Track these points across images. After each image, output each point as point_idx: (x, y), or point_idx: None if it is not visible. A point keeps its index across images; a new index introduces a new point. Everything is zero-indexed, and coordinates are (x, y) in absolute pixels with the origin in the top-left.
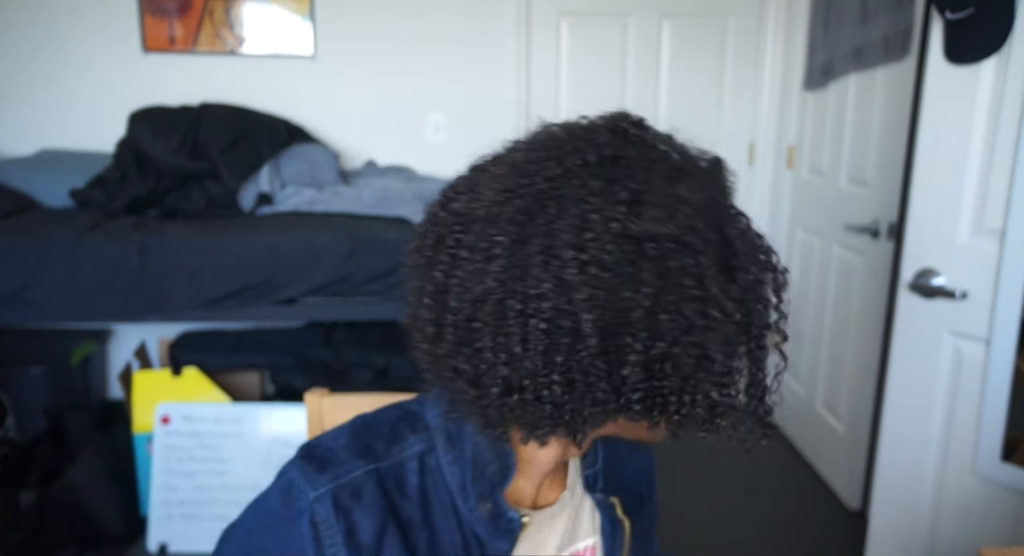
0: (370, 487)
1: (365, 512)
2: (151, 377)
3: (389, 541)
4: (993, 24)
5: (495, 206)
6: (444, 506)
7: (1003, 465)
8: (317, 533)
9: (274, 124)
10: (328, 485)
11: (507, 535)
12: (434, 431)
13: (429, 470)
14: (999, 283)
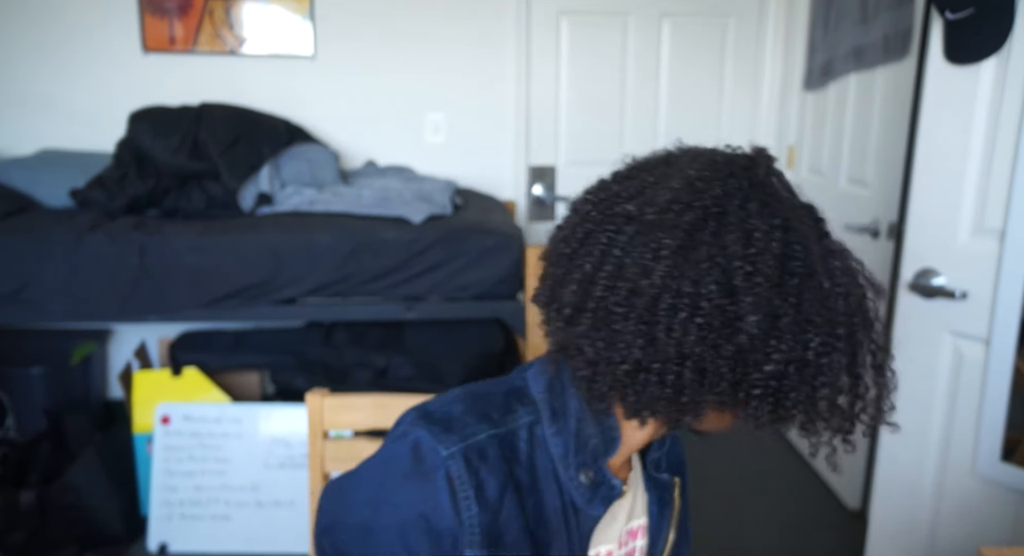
0: (493, 449)
1: (491, 471)
2: (151, 377)
3: (508, 500)
4: (993, 24)
5: (667, 214)
6: (548, 473)
7: (1003, 465)
8: (452, 487)
9: (274, 124)
10: (458, 445)
11: (605, 501)
12: (540, 405)
13: (536, 440)
14: (999, 283)
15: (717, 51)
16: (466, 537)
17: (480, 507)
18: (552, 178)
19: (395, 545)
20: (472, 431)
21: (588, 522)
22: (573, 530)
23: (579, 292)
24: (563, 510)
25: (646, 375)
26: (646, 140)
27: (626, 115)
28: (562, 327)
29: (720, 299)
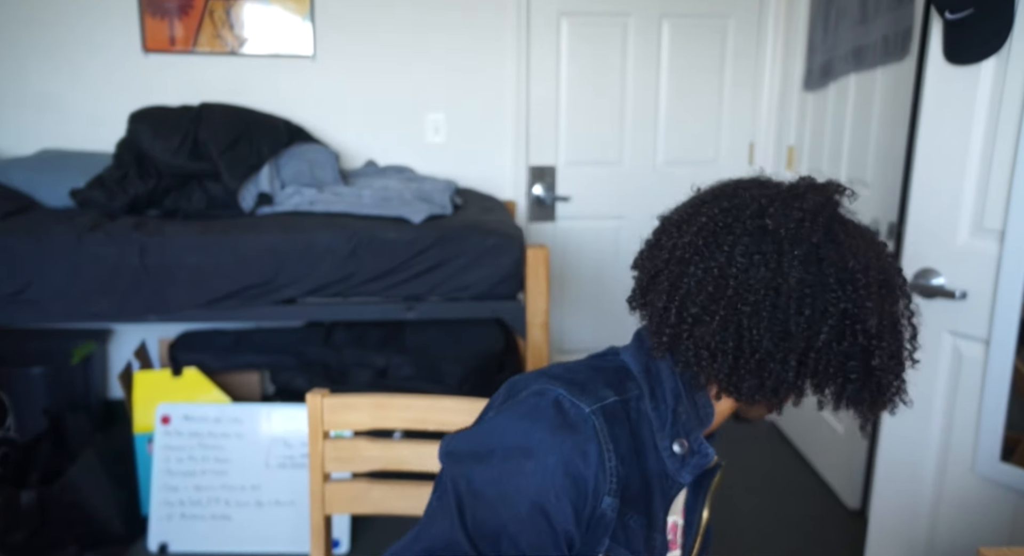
0: (621, 413)
1: (622, 431)
2: (151, 377)
3: (629, 459)
4: (992, 24)
5: (800, 230)
6: (648, 442)
7: (1002, 465)
8: (599, 438)
9: (274, 124)
10: (596, 404)
11: (694, 470)
12: (641, 383)
13: (640, 412)
14: (999, 283)
15: (717, 52)
16: (606, 485)
17: (620, 462)
18: (552, 178)
19: (542, 487)
20: (603, 394)
21: (675, 489)
22: (664, 494)
23: (710, 294)
24: (658, 475)
25: (773, 364)
26: (646, 140)
27: (626, 115)
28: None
29: (846, 302)
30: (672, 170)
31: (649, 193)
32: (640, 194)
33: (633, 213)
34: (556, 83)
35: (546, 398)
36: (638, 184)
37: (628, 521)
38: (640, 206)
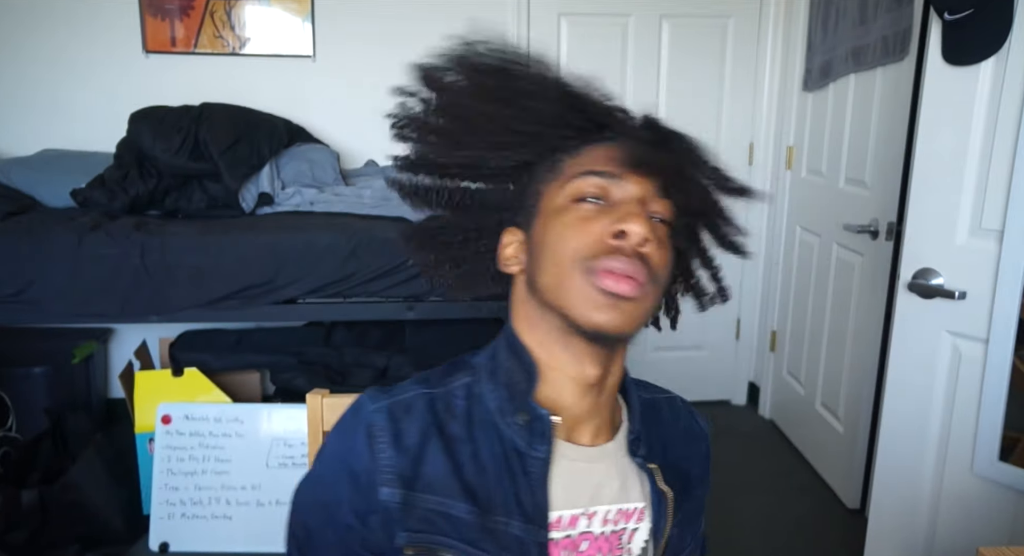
0: (420, 404)
1: (412, 422)
2: (152, 377)
3: (431, 447)
4: (991, 25)
5: None
6: (486, 424)
7: (1001, 465)
8: (371, 434)
9: (275, 124)
10: (386, 401)
11: (542, 437)
12: (479, 369)
13: (474, 396)
14: (997, 283)
15: (717, 52)
16: (380, 476)
17: (395, 451)
18: None
19: (325, 486)
20: (403, 390)
21: (535, 465)
22: (518, 474)
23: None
24: (504, 456)
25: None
26: None
27: None
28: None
29: None
30: None
31: None
32: None
33: None
34: None
35: (354, 404)
36: None
37: (448, 510)
38: None
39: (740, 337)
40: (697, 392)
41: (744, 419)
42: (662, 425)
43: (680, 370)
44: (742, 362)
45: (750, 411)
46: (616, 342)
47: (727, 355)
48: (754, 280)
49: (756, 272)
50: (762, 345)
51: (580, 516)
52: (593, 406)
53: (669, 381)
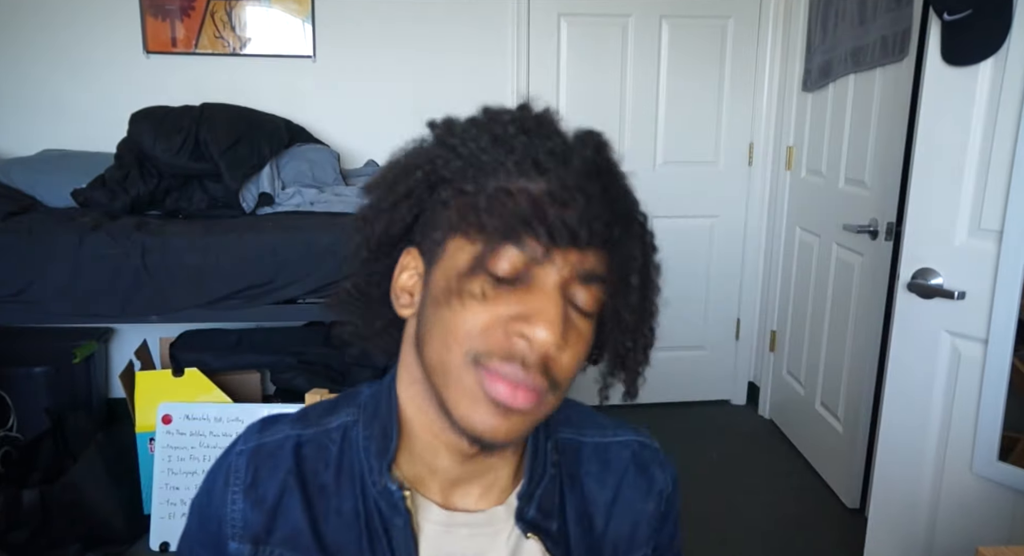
0: (286, 450)
1: (273, 470)
2: (153, 377)
3: (288, 500)
4: (991, 26)
5: None
6: (354, 477)
7: (1000, 464)
8: (227, 480)
9: (275, 124)
10: (255, 442)
11: (395, 510)
12: (362, 408)
13: (349, 441)
14: (997, 283)
15: (716, 53)
16: (228, 529)
17: (248, 503)
18: None
19: (191, 520)
20: (275, 431)
21: (399, 535)
22: (379, 537)
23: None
24: (365, 516)
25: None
26: (646, 141)
27: (626, 116)
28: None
29: None
30: (672, 170)
31: (649, 193)
32: (640, 194)
33: None
34: (556, 83)
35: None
36: (637, 184)
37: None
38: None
39: (740, 337)
40: (697, 392)
41: (744, 419)
42: (605, 476)
43: (680, 370)
44: (742, 362)
45: (750, 411)
46: (496, 449)
47: (727, 355)
48: (754, 280)
49: (756, 272)
50: (762, 345)
51: None
52: (477, 468)
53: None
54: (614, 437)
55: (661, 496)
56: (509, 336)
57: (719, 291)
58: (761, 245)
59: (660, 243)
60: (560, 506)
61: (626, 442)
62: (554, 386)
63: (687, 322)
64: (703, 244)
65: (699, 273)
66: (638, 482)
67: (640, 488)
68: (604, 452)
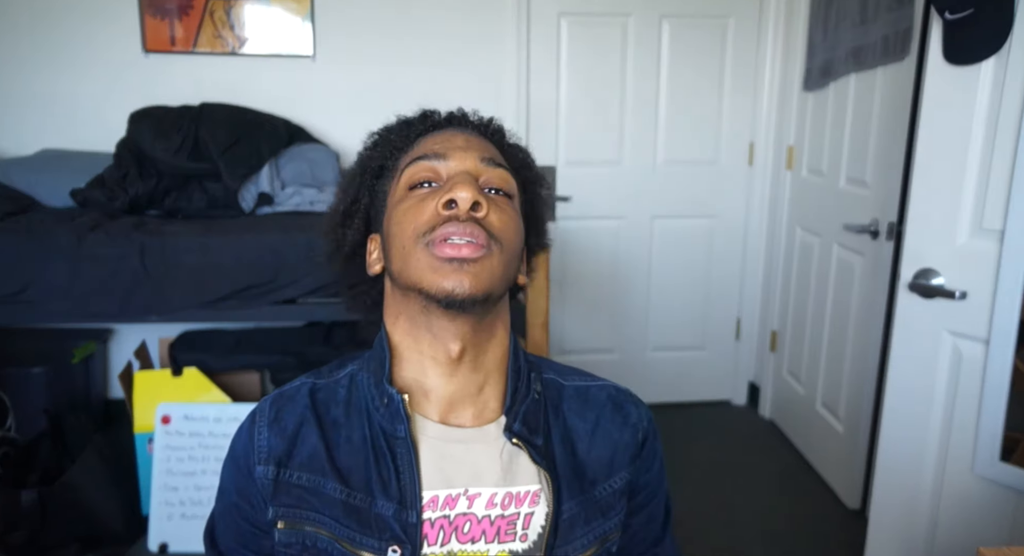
0: (303, 393)
1: (292, 408)
2: (152, 377)
3: (307, 430)
4: (992, 25)
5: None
6: (361, 410)
7: (1002, 465)
8: (253, 419)
9: (274, 124)
10: (277, 391)
11: (397, 416)
12: (365, 359)
13: (356, 384)
14: (998, 283)
15: (717, 52)
16: (255, 455)
17: (272, 433)
18: (552, 178)
19: (223, 472)
20: (296, 380)
21: (400, 446)
22: (386, 456)
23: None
24: (374, 438)
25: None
26: (646, 140)
27: (626, 116)
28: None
29: None
30: (672, 170)
31: (649, 193)
32: (640, 194)
33: (633, 213)
34: (556, 83)
35: None
36: (638, 184)
37: (319, 488)
38: (640, 206)
39: (740, 337)
40: (697, 392)
41: (744, 419)
42: (585, 411)
43: (680, 370)
44: (742, 362)
45: (750, 411)
46: (473, 305)
47: (727, 355)
48: (754, 280)
49: (756, 272)
50: (762, 345)
51: (459, 497)
52: (466, 385)
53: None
54: (593, 382)
55: (636, 428)
56: (440, 211)
57: (719, 291)
58: (761, 245)
59: (660, 243)
60: (545, 427)
61: (604, 385)
62: (494, 239)
63: (687, 322)
64: (703, 244)
65: (699, 273)
66: (615, 417)
67: (616, 421)
68: (584, 393)
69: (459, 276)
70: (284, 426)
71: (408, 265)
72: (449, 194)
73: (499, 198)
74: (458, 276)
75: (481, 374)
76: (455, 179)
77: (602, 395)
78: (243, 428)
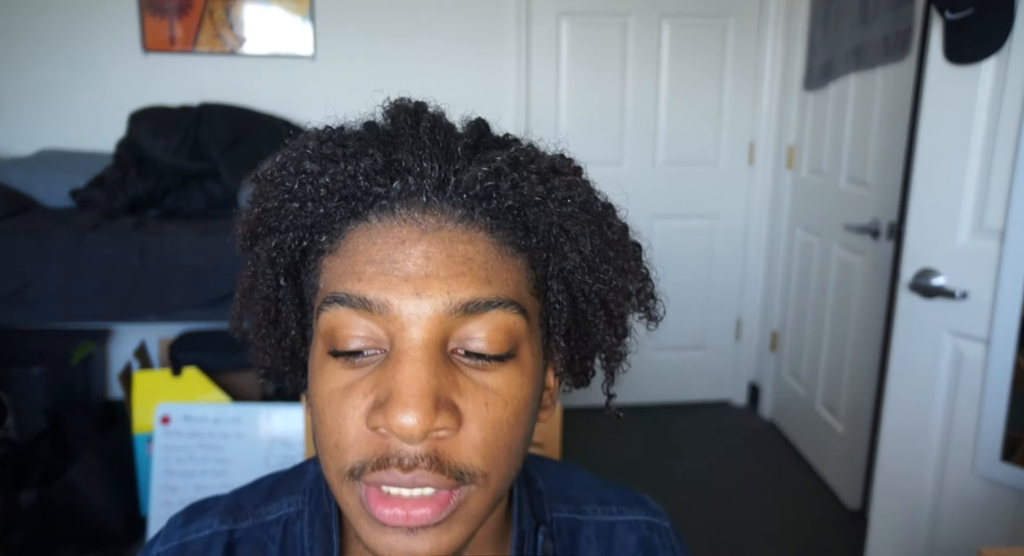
0: (215, 551)
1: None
2: (151, 377)
3: None
4: (993, 24)
5: None
6: None
7: (1003, 465)
8: None
9: (274, 124)
10: (178, 540)
11: None
12: (306, 492)
13: (292, 539)
14: (999, 283)
15: (717, 52)
16: None
17: None
18: None
19: None
20: (199, 526)
21: None
22: None
23: None
24: None
25: None
26: (646, 140)
27: (626, 115)
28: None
29: None
30: (672, 170)
31: (649, 193)
32: (640, 194)
33: (633, 213)
34: (556, 83)
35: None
36: (638, 184)
37: None
38: (640, 206)
39: (740, 337)
40: (697, 392)
41: (744, 419)
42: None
43: (680, 370)
44: (742, 362)
45: (750, 411)
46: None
47: (727, 355)
48: (754, 280)
49: (756, 272)
50: (762, 345)
51: None
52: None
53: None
54: (619, 516)
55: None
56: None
57: (719, 291)
58: (762, 245)
59: (660, 243)
60: None
61: (633, 523)
62: (463, 478)
63: (687, 322)
64: (703, 244)
65: (699, 273)
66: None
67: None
68: (607, 535)
69: (410, 544)
70: None
71: (337, 494)
72: (384, 418)
73: (493, 375)
74: (408, 545)
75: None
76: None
77: (632, 538)
78: None
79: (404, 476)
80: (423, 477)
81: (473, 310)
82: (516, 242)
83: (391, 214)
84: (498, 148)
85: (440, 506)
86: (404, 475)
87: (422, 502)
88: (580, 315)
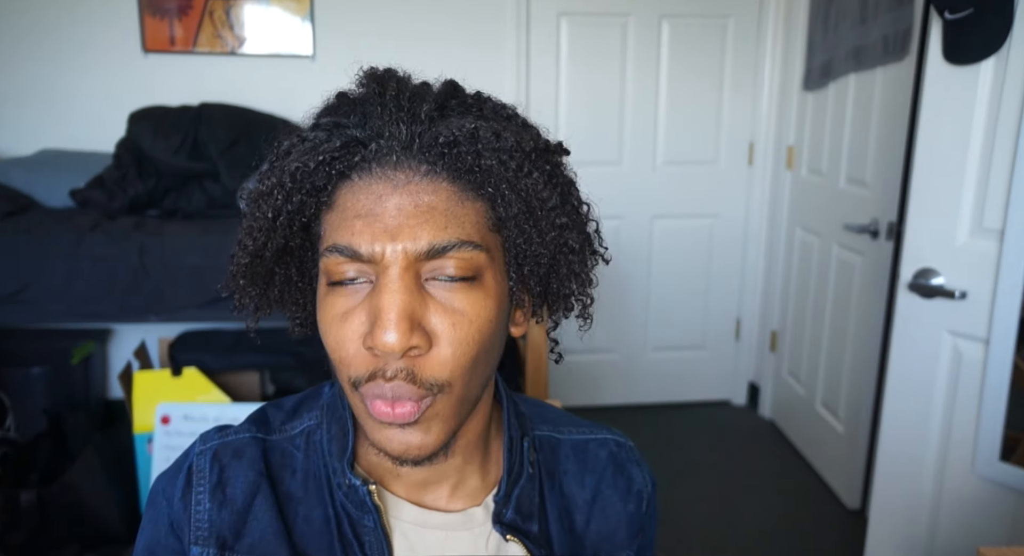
0: (254, 451)
1: (241, 469)
2: (151, 377)
3: (260, 502)
4: (992, 24)
5: None
6: (320, 481)
7: (1002, 465)
8: (189, 480)
9: (274, 124)
10: (215, 441)
11: (363, 508)
12: (324, 408)
13: (313, 446)
14: (998, 283)
15: (717, 52)
16: (191, 531)
17: (214, 504)
18: None
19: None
20: (238, 430)
21: (368, 535)
22: (352, 543)
23: None
24: (335, 520)
25: None
26: (646, 140)
27: (626, 115)
28: None
29: None
30: (672, 170)
31: (649, 193)
32: (640, 194)
33: (633, 213)
34: (556, 83)
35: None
36: (638, 184)
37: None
38: (640, 206)
39: (740, 337)
40: (697, 392)
41: (744, 419)
42: (584, 475)
43: (680, 370)
44: (742, 362)
45: (750, 411)
46: (432, 459)
47: (727, 355)
48: (754, 280)
49: (756, 272)
50: (762, 345)
51: None
52: (442, 470)
53: (669, 381)
54: (591, 435)
55: (641, 497)
56: (365, 351)
57: (719, 291)
58: (761, 245)
59: (660, 243)
60: (540, 505)
61: (603, 440)
62: (434, 388)
63: (687, 322)
64: (703, 244)
65: (699, 273)
66: (617, 482)
67: (619, 488)
68: (582, 450)
69: (403, 437)
70: (231, 496)
71: (349, 399)
72: (371, 338)
73: (456, 288)
74: (402, 438)
75: (459, 456)
76: (379, 303)
77: (602, 453)
78: (175, 484)
79: (386, 386)
80: (399, 387)
81: (438, 250)
82: (475, 189)
83: (369, 173)
84: (463, 108)
85: (415, 407)
86: (386, 384)
87: (401, 407)
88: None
